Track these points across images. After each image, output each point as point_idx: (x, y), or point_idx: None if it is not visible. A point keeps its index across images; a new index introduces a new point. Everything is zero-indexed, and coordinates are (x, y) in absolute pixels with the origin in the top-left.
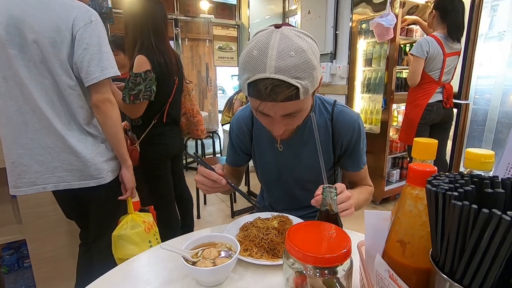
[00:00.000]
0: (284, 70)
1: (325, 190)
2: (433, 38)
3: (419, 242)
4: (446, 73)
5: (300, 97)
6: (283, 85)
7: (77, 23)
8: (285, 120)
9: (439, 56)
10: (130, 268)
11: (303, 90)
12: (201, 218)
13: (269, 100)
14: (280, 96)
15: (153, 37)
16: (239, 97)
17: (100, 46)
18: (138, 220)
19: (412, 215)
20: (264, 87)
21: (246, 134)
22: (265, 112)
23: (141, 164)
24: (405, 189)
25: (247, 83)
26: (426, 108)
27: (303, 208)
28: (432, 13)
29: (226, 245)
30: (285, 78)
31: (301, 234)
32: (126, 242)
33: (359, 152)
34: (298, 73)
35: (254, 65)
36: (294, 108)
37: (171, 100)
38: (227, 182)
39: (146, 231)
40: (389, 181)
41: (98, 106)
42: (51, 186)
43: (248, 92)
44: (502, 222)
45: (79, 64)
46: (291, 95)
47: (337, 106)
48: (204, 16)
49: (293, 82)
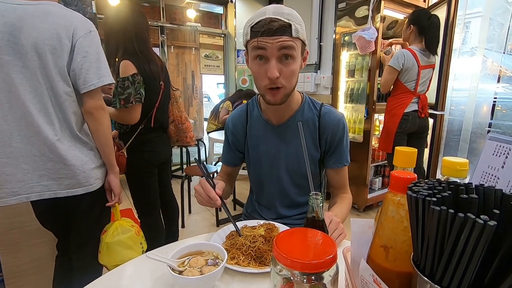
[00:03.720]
0: (280, 14)
1: (311, 197)
2: (409, 51)
3: (401, 246)
4: (421, 84)
5: (292, 34)
6: (279, 21)
7: (78, 32)
8: (279, 64)
9: (414, 68)
10: (114, 278)
11: (294, 28)
12: (185, 227)
13: (266, 32)
14: (275, 25)
15: (136, 43)
16: (225, 106)
17: (98, 55)
18: (126, 225)
19: (395, 221)
20: (264, 22)
21: (241, 130)
22: (262, 46)
23: (128, 171)
24: (388, 195)
25: (250, 27)
26: (402, 117)
27: (295, 207)
28: (409, 28)
29: (213, 254)
30: (280, 17)
31: (288, 241)
32: (121, 247)
33: (342, 149)
34: (290, 17)
35: (255, 15)
36: (288, 43)
37: (158, 105)
38: (221, 204)
39: (137, 234)
40: (371, 188)
41: (91, 113)
42: (35, 195)
43: (250, 35)
44: (476, 225)
45: (78, 71)
46: (285, 27)
47: (325, 106)
48: (190, 24)
49: (286, 20)
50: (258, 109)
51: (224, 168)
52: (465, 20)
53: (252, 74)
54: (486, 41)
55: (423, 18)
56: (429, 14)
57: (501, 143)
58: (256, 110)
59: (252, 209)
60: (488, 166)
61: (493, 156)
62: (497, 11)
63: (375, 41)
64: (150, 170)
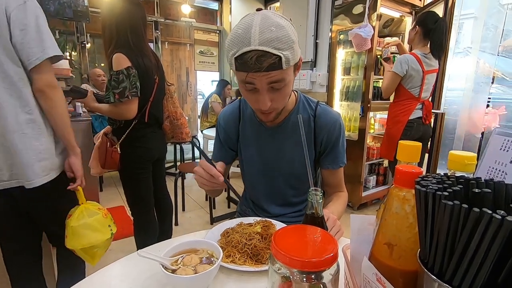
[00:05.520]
0: (267, 42)
1: (310, 193)
2: (413, 56)
3: (406, 244)
4: (425, 90)
5: (283, 67)
6: (266, 55)
7: (10, 4)
8: (270, 94)
9: (418, 73)
10: (103, 279)
11: (285, 59)
12: (179, 225)
13: (254, 70)
14: (265, 64)
15: (131, 36)
16: (213, 99)
17: (39, 27)
18: (92, 208)
19: (399, 217)
20: (250, 57)
21: (233, 128)
22: (251, 82)
23: (121, 167)
24: (392, 191)
25: (234, 57)
26: (407, 125)
27: (289, 205)
28: (414, 29)
29: (208, 252)
30: (268, 49)
31: (287, 238)
32: (88, 230)
33: (338, 150)
34: (280, 44)
35: (240, 41)
36: (277, 77)
37: (152, 99)
38: (224, 180)
39: (104, 216)
40: (366, 187)
41: (42, 91)
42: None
43: (235, 66)
44: (493, 220)
45: (19, 47)
46: (275, 64)
47: (320, 105)
48: (185, 19)
49: (275, 52)
50: (251, 109)
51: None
52: (460, 21)
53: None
54: (479, 42)
55: (429, 21)
56: (437, 17)
57: (509, 138)
58: (249, 110)
59: (246, 206)
60: (495, 161)
61: (501, 151)
62: (490, 11)
63: (371, 39)
64: (144, 167)
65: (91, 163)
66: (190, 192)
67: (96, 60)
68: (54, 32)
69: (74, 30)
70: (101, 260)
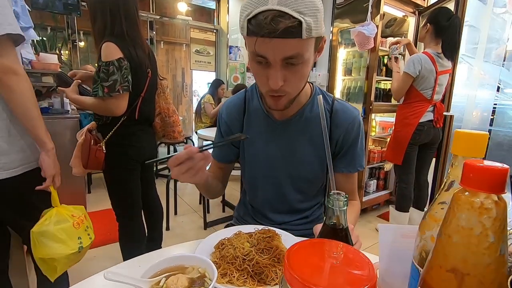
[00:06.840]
0: (287, 2)
1: (331, 198)
2: (426, 55)
3: (484, 273)
4: (438, 92)
5: (303, 35)
6: (285, 16)
7: None
8: (284, 70)
9: (431, 74)
10: None
11: (306, 26)
12: (170, 230)
13: (267, 33)
14: (281, 25)
15: (125, 23)
16: (206, 100)
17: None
18: (65, 214)
19: (472, 235)
20: (264, 17)
21: (237, 122)
22: (262, 52)
23: (106, 167)
24: (459, 196)
25: (247, 19)
26: (417, 128)
27: (295, 212)
28: (425, 26)
29: (199, 270)
30: (287, 10)
31: (304, 257)
32: (48, 239)
33: (356, 151)
34: (302, 7)
35: (256, 1)
36: (295, 50)
37: (144, 95)
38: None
39: (75, 226)
40: (366, 191)
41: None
42: None
43: (246, 31)
44: None
45: None
46: (293, 28)
47: (338, 101)
48: (181, 17)
49: (296, 15)
50: (258, 99)
51: (216, 164)
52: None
53: (251, 72)
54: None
55: (442, 17)
56: (451, 13)
57: None
58: (255, 100)
59: (244, 211)
60: None
61: None
62: (484, 20)
63: (374, 38)
64: (132, 168)
65: (73, 161)
66: (183, 195)
67: (90, 59)
68: (46, 28)
69: (65, 25)
70: (84, 269)
